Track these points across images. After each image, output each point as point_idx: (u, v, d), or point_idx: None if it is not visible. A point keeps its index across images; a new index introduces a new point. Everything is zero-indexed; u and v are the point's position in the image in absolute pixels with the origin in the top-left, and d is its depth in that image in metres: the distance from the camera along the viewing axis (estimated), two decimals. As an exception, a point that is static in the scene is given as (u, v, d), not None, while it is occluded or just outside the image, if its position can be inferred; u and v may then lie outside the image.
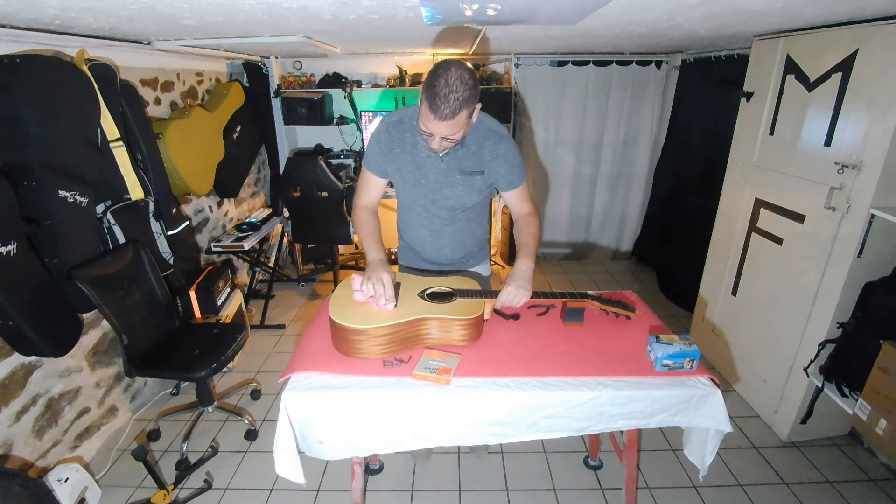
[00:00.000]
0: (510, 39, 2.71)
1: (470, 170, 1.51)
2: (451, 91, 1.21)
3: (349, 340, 1.34)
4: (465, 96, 1.23)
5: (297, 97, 3.68)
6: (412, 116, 1.49)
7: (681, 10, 1.66)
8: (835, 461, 2.12)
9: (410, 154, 1.51)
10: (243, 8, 1.52)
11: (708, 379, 1.31)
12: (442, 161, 1.49)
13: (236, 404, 2.51)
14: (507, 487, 1.99)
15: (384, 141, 1.52)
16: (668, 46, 3.18)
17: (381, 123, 1.54)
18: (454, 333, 1.40)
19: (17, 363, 1.80)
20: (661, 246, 4.01)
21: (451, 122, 1.26)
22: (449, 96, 1.21)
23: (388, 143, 1.52)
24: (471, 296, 1.46)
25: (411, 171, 1.53)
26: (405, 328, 1.36)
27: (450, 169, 1.50)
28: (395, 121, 1.52)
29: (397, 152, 1.52)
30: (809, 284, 2.04)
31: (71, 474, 1.79)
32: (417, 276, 1.59)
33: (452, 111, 1.23)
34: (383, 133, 1.52)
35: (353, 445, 1.32)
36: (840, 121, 1.88)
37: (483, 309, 1.43)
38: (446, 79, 1.21)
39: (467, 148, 1.48)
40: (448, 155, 1.48)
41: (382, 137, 1.52)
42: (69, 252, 1.84)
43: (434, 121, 1.26)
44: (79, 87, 1.87)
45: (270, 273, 3.70)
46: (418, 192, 1.56)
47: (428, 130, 1.31)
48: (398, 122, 1.52)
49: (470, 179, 1.52)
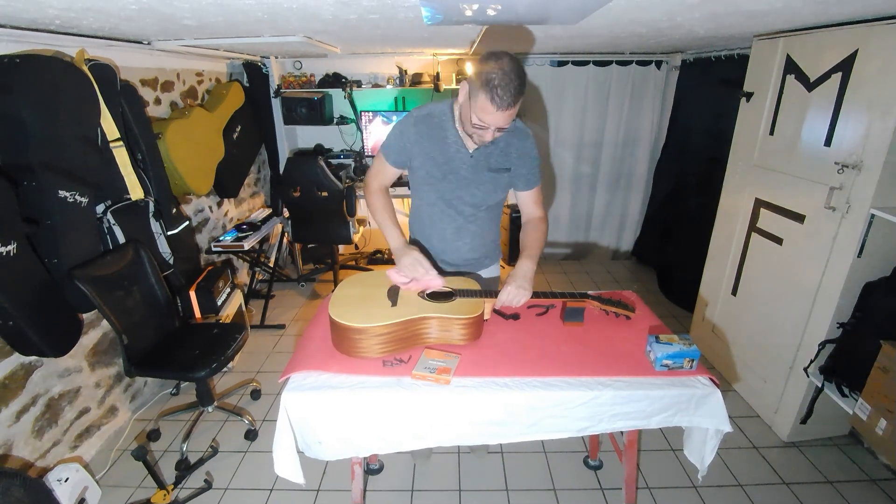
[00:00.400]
0: (510, 39, 2.70)
1: (498, 167, 1.52)
2: (510, 80, 1.22)
3: (350, 339, 1.34)
4: (521, 83, 1.25)
5: (297, 97, 3.68)
6: (443, 112, 1.50)
7: (681, 10, 1.66)
8: (835, 461, 2.12)
9: (440, 149, 1.50)
10: (243, 8, 1.52)
11: (708, 379, 1.31)
12: (472, 157, 1.50)
13: (236, 404, 2.51)
14: (507, 487, 1.99)
15: (411, 134, 1.51)
16: (668, 46, 3.18)
17: (409, 117, 1.53)
18: (454, 333, 1.40)
19: (17, 363, 1.80)
20: (661, 246, 4.01)
21: (512, 111, 1.27)
22: (509, 85, 1.22)
23: (415, 136, 1.50)
24: (471, 295, 1.46)
25: (439, 166, 1.52)
26: (405, 327, 1.36)
27: (479, 165, 1.51)
28: (424, 115, 1.51)
29: (426, 146, 1.51)
30: (809, 284, 2.04)
31: (71, 474, 1.79)
32: None
33: (513, 100, 1.25)
34: (410, 126, 1.51)
35: (353, 445, 1.32)
36: (840, 121, 1.88)
37: (483, 308, 1.43)
38: (503, 68, 1.22)
39: (496, 144, 1.48)
40: (478, 151, 1.49)
41: (409, 130, 1.51)
42: (69, 252, 1.84)
43: (495, 112, 1.26)
44: (79, 87, 1.87)
45: (270, 273, 3.70)
46: (444, 187, 1.55)
47: (485, 123, 1.30)
48: (427, 116, 1.51)
49: (497, 176, 1.53)
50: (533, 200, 1.61)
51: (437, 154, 1.51)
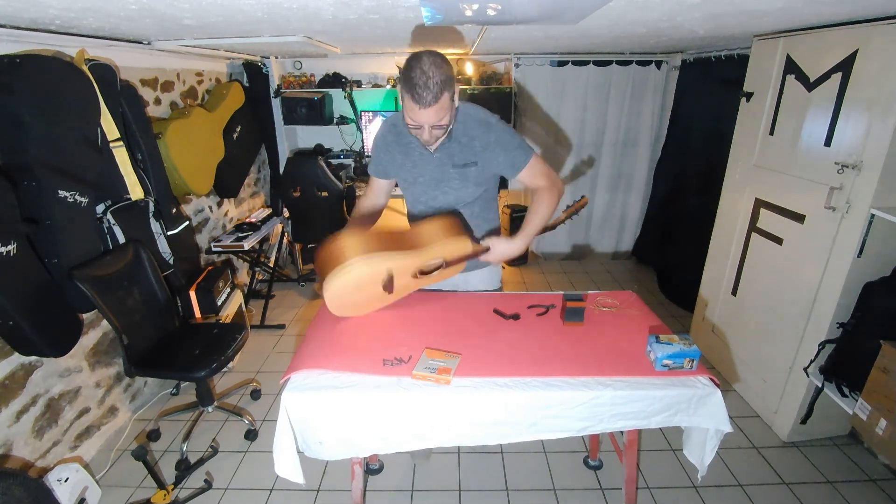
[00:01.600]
0: (510, 39, 2.70)
1: (462, 162, 1.53)
2: (428, 77, 1.26)
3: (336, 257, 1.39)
4: (442, 79, 1.28)
5: (297, 97, 3.68)
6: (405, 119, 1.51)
7: (681, 10, 1.66)
8: (835, 461, 2.12)
9: (406, 154, 1.57)
10: (243, 8, 1.52)
11: (708, 379, 1.31)
12: (434, 156, 1.53)
13: (236, 404, 2.51)
14: (507, 487, 1.99)
15: (381, 145, 1.60)
16: (668, 46, 3.18)
17: (381, 127, 1.61)
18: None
19: (17, 363, 1.80)
20: (661, 246, 4.01)
21: (436, 107, 1.30)
22: (428, 82, 1.26)
23: (384, 145, 1.59)
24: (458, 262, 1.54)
25: (409, 171, 1.58)
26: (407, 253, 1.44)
27: (443, 163, 1.54)
28: (391, 124, 1.58)
29: (395, 154, 1.58)
30: (809, 284, 2.04)
31: (71, 474, 1.79)
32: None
33: (434, 96, 1.28)
34: (380, 137, 1.61)
35: (353, 445, 1.32)
36: (840, 121, 1.88)
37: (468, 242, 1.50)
38: (421, 67, 1.27)
39: (456, 141, 1.50)
40: (440, 150, 1.52)
41: (380, 141, 1.61)
42: (69, 252, 1.84)
43: (419, 110, 1.30)
44: (79, 87, 1.87)
45: (270, 273, 3.70)
46: (418, 190, 1.61)
47: (415, 122, 1.35)
48: (393, 125, 1.58)
49: (463, 172, 1.54)
50: (530, 177, 1.56)
51: (405, 160, 1.57)
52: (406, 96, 1.31)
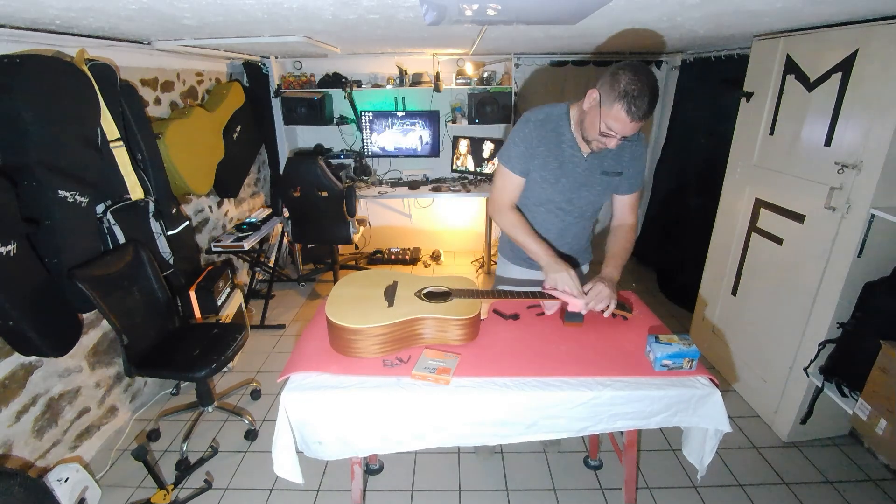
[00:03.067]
0: (510, 39, 2.70)
1: (612, 170, 1.53)
2: (646, 93, 1.24)
3: (346, 340, 1.34)
4: (655, 96, 1.26)
5: (297, 97, 3.68)
6: (559, 115, 1.51)
7: (681, 10, 1.66)
8: (835, 461, 2.11)
9: (555, 153, 1.51)
10: (243, 8, 1.52)
11: (707, 379, 1.31)
12: (586, 160, 1.51)
13: (236, 404, 2.51)
14: (507, 487, 1.99)
15: (533, 139, 1.50)
16: (668, 46, 3.18)
17: (527, 123, 1.52)
18: (451, 333, 1.40)
19: (17, 363, 1.80)
20: (661, 246, 4.01)
21: (643, 122, 1.29)
22: (645, 97, 1.24)
23: (536, 140, 1.51)
24: (468, 296, 1.46)
25: (553, 171, 1.52)
26: (402, 328, 1.36)
27: (592, 169, 1.52)
28: (541, 119, 1.51)
29: (541, 150, 1.51)
30: (809, 284, 2.04)
31: (71, 474, 1.79)
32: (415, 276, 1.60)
33: (648, 111, 1.26)
34: (531, 131, 1.51)
35: (353, 445, 1.32)
36: (840, 121, 1.88)
37: (479, 309, 1.43)
38: (640, 79, 1.24)
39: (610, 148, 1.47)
40: (592, 155, 1.50)
41: (531, 136, 1.50)
42: (69, 252, 1.84)
43: (629, 122, 1.28)
44: (79, 87, 1.87)
45: (270, 273, 3.70)
46: (556, 190, 1.55)
47: (613, 132, 1.32)
48: (544, 121, 1.51)
49: (609, 180, 1.55)
50: (630, 205, 1.60)
51: (552, 157, 1.51)
52: (617, 105, 1.26)
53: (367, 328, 1.31)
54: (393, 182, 4.09)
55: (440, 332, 1.40)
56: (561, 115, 1.51)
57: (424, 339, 1.41)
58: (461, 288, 1.49)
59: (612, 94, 1.27)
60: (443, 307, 1.41)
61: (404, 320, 1.35)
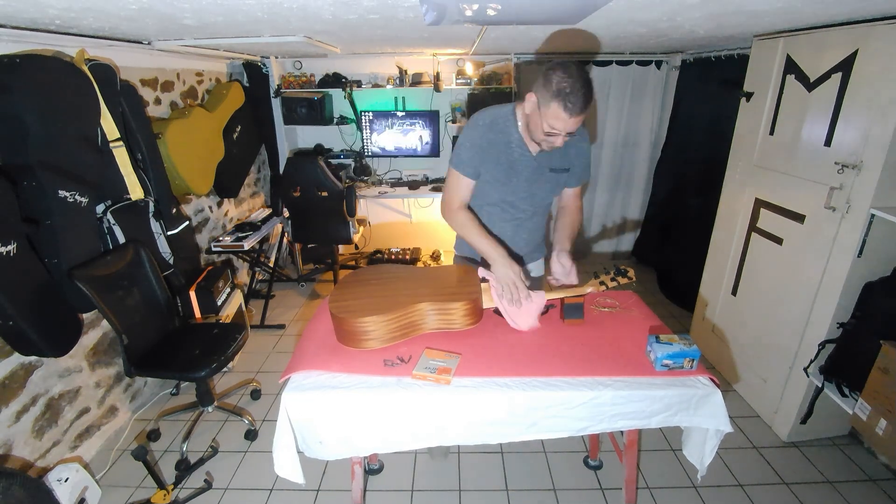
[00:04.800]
0: (510, 39, 2.70)
1: (559, 167, 1.57)
2: (580, 88, 1.27)
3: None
4: (590, 90, 1.29)
5: (297, 97, 3.68)
6: (506, 116, 1.52)
7: (681, 10, 1.66)
8: (835, 461, 2.12)
9: (504, 153, 1.53)
10: (243, 8, 1.52)
11: (708, 379, 1.31)
12: (535, 159, 1.54)
13: (236, 404, 2.51)
14: (507, 487, 1.99)
15: (482, 142, 1.52)
16: (668, 46, 3.18)
17: (476, 126, 1.53)
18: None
19: (17, 363, 1.80)
20: (661, 246, 4.01)
21: (582, 116, 1.32)
22: (580, 92, 1.27)
23: (485, 143, 1.52)
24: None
25: (503, 171, 1.55)
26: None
27: (541, 167, 1.55)
28: (488, 122, 1.53)
29: (491, 152, 1.53)
30: (809, 284, 2.04)
31: (71, 474, 1.79)
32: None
33: (584, 106, 1.29)
34: (480, 134, 1.52)
35: (353, 445, 1.32)
36: (840, 121, 1.88)
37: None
38: (573, 76, 1.27)
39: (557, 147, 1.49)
40: (540, 153, 1.52)
41: (476, 140, 1.52)
42: (69, 252, 1.84)
43: (569, 119, 1.30)
44: (79, 87, 1.87)
45: (270, 273, 3.70)
46: (508, 190, 1.58)
47: (557, 130, 1.34)
48: (492, 123, 1.52)
49: (558, 176, 1.59)
50: (575, 193, 1.68)
51: (503, 158, 1.54)
52: (553, 103, 1.29)
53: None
54: (393, 182, 4.09)
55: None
56: (507, 117, 1.52)
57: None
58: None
59: (547, 95, 1.31)
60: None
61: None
